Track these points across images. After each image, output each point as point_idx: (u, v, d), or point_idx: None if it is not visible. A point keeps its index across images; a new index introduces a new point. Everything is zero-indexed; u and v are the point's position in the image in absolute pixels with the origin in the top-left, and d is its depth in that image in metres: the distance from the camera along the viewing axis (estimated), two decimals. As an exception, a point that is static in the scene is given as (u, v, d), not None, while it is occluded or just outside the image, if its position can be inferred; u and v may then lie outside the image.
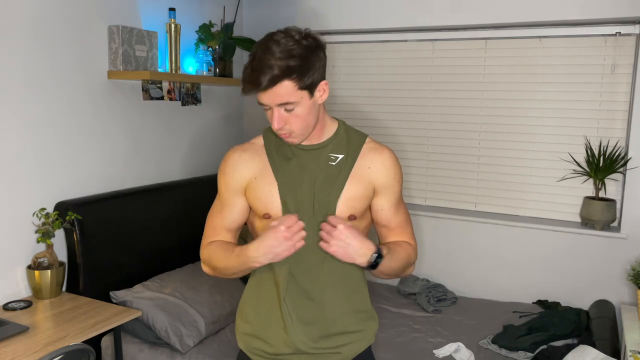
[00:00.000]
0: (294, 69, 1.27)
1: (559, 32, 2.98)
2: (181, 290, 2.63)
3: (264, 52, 1.27)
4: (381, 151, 1.47)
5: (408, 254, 1.49)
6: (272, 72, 1.26)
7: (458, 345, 2.51)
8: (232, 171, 1.46)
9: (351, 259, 1.35)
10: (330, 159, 1.43)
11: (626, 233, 2.85)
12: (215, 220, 1.51)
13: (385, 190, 1.46)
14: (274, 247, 1.32)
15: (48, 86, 2.44)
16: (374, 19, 3.32)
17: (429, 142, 3.41)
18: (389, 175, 1.45)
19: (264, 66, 1.26)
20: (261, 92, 1.29)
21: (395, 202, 1.49)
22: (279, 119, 1.32)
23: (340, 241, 1.32)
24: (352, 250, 1.33)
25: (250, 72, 1.28)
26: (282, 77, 1.26)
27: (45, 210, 2.41)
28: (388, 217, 1.48)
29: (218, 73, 3.27)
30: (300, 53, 1.27)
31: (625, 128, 2.92)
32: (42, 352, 1.89)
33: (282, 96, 1.29)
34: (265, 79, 1.26)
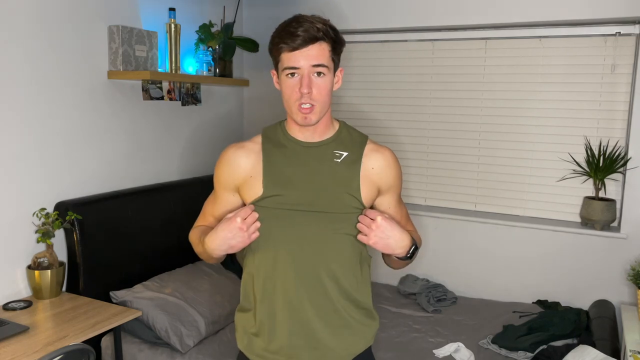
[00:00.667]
0: (330, 34, 1.34)
1: (559, 32, 2.98)
2: (181, 290, 2.63)
3: (301, 19, 1.33)
4: (383, 152, 1.48)
5: (418, 239, 1.55)
6: (315, 31, 1.31)
7: (458, 345, 2.51)
8: (225, 167, 1.46)
9: (391, 250, 1.37)
10: (335, 155, 1.44)
11: (626, 233, 2.85)
12: (208, 208, 1.55)
13: (389, 189, 1.49)
14: (228, 239, 1.33)
15: (48, 86, 2.44)
16: (373, 19, 3.32)
17: (429, 142, 3.41)
18: (392, 175, 1.48)
19: (306, 26, 1.31)
20: (298, 50, 1.31)
21: (398, 199, 1.53)
22: (308, 82, 1.33)
23: (381, 233, 1.34)
24: (392, 241, 1.36)
25: (289, 29, 1.31)
26: (323, 38, 1.32)
27: (45, 210, 2.42)
28: (394, 214, 1.51)
29: (218, 73, 3.27)
30: (333, 27, 1.36)
31: (625, 128, 2.92)
32: (42, 352, 1.89)
33: (319, 57, 1.32)
34: (308, 35, 1.30)
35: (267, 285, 1.45)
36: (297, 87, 1.33)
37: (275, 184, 1.41)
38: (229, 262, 3.06)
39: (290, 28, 1.32)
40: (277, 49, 1.35)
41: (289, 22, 1.36)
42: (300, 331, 1.44)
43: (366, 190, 1.44)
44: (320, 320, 1.44)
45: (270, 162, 1.43)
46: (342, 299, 1.45)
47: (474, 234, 3.26)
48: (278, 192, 1.41)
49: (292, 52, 1.32)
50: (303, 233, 1.41)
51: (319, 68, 1.33)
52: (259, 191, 1.41)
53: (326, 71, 1.34)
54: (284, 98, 1.39)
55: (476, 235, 3.26)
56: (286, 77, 1.35)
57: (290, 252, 1.42)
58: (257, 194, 1.42)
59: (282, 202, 1.40)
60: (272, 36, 1.37)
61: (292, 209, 1.40)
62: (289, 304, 1.43)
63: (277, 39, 1.35)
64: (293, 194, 1.40)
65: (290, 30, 1.32)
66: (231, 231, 1.32)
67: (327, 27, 1.34)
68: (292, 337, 1.44)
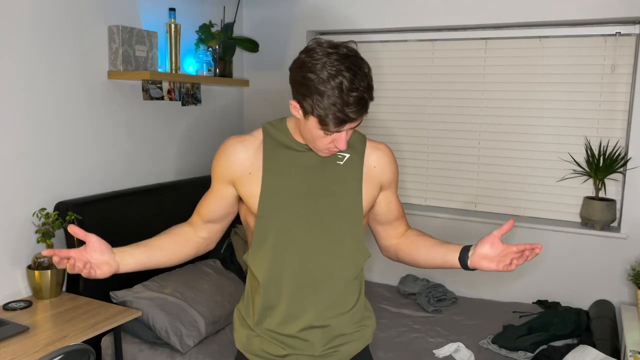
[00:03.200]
0: (371, 89, 1.25)
1: (559, 32, 2.98)
2: (181, 290, 2.63)
3: (344, 81, 1.19)
4: (383, 148, 1.48)
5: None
6: (365, 101, 1.22)
7: (458, 345, 2.51)
8: (224, 160, 1.42)
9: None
10: (338, 157, 1.42)
11: (626, 233, 2.85)
12: (201, 203, 1.52)
13: (390, 184, 1.50)
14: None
15: (48, 86, 2.44)
16: (374, 19, 3.32)
17: (429, 142, 3.41)
18: (393, 171, 1.49)
19: (353, 98, 1.20)
20: (347, 124, 1.24)
21: (396, 193, 1.55)
22: (345, 138, 1.30)
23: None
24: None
25: (337, 107, 1.20)
26: (370, 101, 1.25)
27: (45, 210, 2.42)
28: (396, 208, 1.53)
29: (218, 73, 3.27)
30: (366, 70, 1.24)
31: (625, 128, 2.92)
32: (42, 352, 1.89)
33: (361, 118, 1.28)
34: (359, 111, 1.23)
35: (268, 291, 1.43)
36: (331, 140, 1.30)
37: (274, 184, 1.38)
38: (229, 262, 3.06)
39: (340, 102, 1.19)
40: (321, 119, 1.23)
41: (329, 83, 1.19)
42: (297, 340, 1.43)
43: (369, 190, 1.44)
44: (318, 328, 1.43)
45: (271, 160, 1.40)
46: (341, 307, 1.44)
47: (474, 234, 3.26)
48: (277, 193, 1.38)
49: (340, 126, 1.25)
50: (301, 240, 1.39)
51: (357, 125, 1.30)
52: (257, 189, 1.39)
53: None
54: (307, 137, 1.33)
55: (476, 235, 3.25)
56: (320, 132, 1.28)
57: (289, 259, 1.40)
58: (255, 192, 1.39)
59: (280, 203, 1.38)
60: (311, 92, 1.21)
61: (290, 211, 1.38)
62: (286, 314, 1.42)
63: (320, 108, 1.21)
64: (292, 196, 1.38)
65: (340, 106, 1.20)
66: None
67: (369, 82, 1.23)
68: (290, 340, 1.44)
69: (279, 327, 1.43)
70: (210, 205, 1.47)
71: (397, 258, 1.57)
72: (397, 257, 1.56)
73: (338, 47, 1.23)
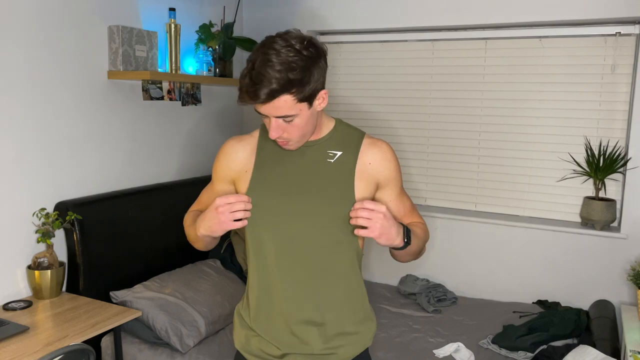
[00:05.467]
0: (294, 82, 1.23)
1: (559, 32, 2.98)
2: (181, 290, 2.63)
3: (263, 63, 1.22)
4: (380, 145, 1.45)
5: (423, 230, 1.51)
6: (271, 86, 1.22)
7: (458, 345, 2.51)
8: (223, 159, 1.47)
9: (392, 239, 1.32)
10: (329, 155, 1.41)
11: (626, 233, 2.85)
12: (204, 195, 1.54)
13: (389, 183, 1.45)
14: (207, 220, 1.32)
15: (48, 86, 2.44)
16: (374, 19, 3.32)
17: (429, 142, 3.41)
18: (390, 168, 1.44)
19: (262, 79, 1.22)
20: (259, 105, 1.26)
21: (400, 192, 1.49)
22: (277, 128, 1.30)
23: (386, 222, 1.29)
24: (393, 230, 1.31)
25: (248, 84, 1.24)
26: (281, 92, 1.23)
27: (45, 210, 2.42)
28: (397, 207, 1.48)
29: (218, 73, 3.27)
30: (301, 65, 1.23)
31: (625, 128, 2.92)
32: (42, 352, 1.89)
33: (281, 109, 1.26)
34: (264, 92, 1.22)
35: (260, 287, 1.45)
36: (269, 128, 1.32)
37: (262, 183, 1.40)
38: (229, 261, 3.06)
39: (249, 80, 1.24)
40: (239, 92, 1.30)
41: (250, 66, 1.26)
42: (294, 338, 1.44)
43: (363, 188, 1.41)
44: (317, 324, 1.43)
45: (262, 159, 1.43)
46: (336, 305, 1.44)
47: (474, 234, 3.26)
48: (265, 190, 1.40)
49: (245, 103, 1.28)
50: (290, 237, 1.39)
51: (284, 117, 1.28)
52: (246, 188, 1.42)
53: (293, 117, 1.28)
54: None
55: (476, 235, 3.26)
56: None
57: (278, 258, 1.40)
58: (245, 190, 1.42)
59: (268, 199, 1.39)
60: (240, 76, 1.30)
61: (278, 209, 1.39)
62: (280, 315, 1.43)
63: (240, 87, 1.28)
64: (280, 194, 1.39)
65: (248, 84, 1.24)
66: (210, 211, 1.31)
67: (288, 75, 1.22)
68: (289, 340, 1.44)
69: (274, 324, 1.44)
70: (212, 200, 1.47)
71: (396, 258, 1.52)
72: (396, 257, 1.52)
73: (292, 37, 1.27)
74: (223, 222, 1.29)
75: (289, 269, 1.41)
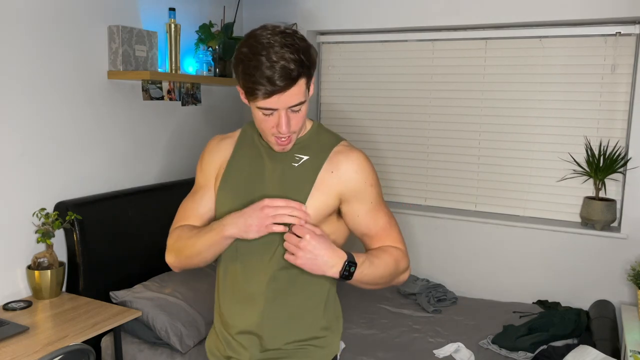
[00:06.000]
0: (304, 64, 1.18)
1: (559, 32, 2.98)
2: (181, 290, 2.63)
3: (270, 50, 1.15)
4: (348, 154, 1.33)
5: (395, 259, 1.34)
6: (291, 71, 1.16)
7: (458, 346, 2.51)
8: (208, 156, 1.43)
9: (321, 271, 1.23)
10: (295, 159, 1.33)
11: (626, 233, 2.85)
12: (187, 204, 1.45)
13: (356, 196, 1.32)
14: (248, 216, 1.24)
15: (48, 86, 2.44)
16: (373, 19, 3.32)
17: (429, 142, 3.41)
18: (358, 180, 1.32)
19: (281, 66, 1.15)
20: (275, 95, 1.18)
21: (372, 208, 1.35)
22: (287, 121, 1.22)
23: (308, 252, 1.21)
24: (321, 261, 1.22)
25: (263, 71, 1.15)
26: (299, 75, 1.18)
27: (45, 210, 2.42)
28: (366, 224, 1.35)
29: (218, 73, 3.27)
30: (303, 47, 1.19)
31: (625, 128, 2.92)
32: (42, 352, 1.89)
33: (297, 95, 1.20)
34: (284, 79, 1.16)
35: (217, 287, 1.44)
36: (274, 124, 1.23)
37: (229, 184, 1.37)
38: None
39: (263, 69, 1.15)
40: (250, 89, 1.19)
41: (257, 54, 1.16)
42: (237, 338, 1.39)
43: (322, 199, 1.30)
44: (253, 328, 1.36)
45: (234, 159, 1.39)
46: (276, 312, 1.34)
47: (474, 234, 3.26)
48: (228, 193, 1.36)
49: (268, 97, 1.18)
50: (245, 244, 1.32)
51: (295, 107, 1.22)
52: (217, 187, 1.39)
53: (304, 103, 1.23)
54: (256, 123, 1.29)
55: (476, 235, 3.26)
56: (259, 112, 1.23)
57: (229, 257, 1.37)
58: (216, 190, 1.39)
59: (229, 201, 1.35)
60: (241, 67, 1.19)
61: (234, 210, 1.31)
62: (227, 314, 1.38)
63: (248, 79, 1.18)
64: (243, 198, 1.33)
65: (265, 74, 1.15)
66: (252, 210, 1.23)
67: (300, 56, 1.17)
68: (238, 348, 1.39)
69: (224, 325, 1.41)
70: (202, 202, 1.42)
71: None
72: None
73: (277, 26, 1.21)
74: (264, 223, 1.22)
75: (235, 272, 1.36)
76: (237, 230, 1.25)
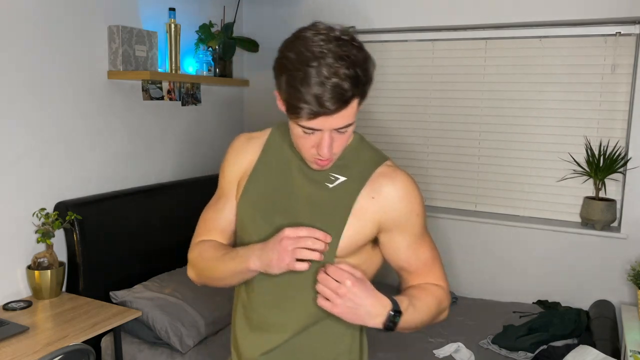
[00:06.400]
0: (360, 81, 1.01)
1: (559, 32, 2.98)
2: (181, 290, 2.63)
3: (321, 62, 0.97)
4: (392, 177, 1.15)
5: (438, 300, 1.19)
6: (344, 92, 0.98)
7: (458, 346, 2.51)
8: (233, 158, 1.26)
9: (361, 321, 1.07)
10: (329, 179, 1.15)
11: (626, 233, 2.85)
12: (208, 213, 1.30)
13: (398, 226, 1.15)
14: (269, 249, 1.08)
15: (48, 86, 2.44)
16: (373, 19, 3.32)
17: (429, 142, 3.41)
18: (401, 209, 1.14)
19: (329, 83, 0.97)
20: (322, 117, 1.00)
21: (415, 240, 1.18)
22: (331, 142, 1.05)
23: (348, 301, 1.04)
24: (362, 311, 1.05)
25: (312, 90, 0.97)
26: (353, 96, 1.00)
27: (45, 210, 2.42)
28: (406, 258, 1.19)
29: (218, 73, 3.27)
30: (362, 60, 1.02)
31: (625, 128, 2.92)
32: (42, 352, 1.89)
33: (347, 118, 1.03)
34: (335, 101, 0.98)
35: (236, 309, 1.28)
36: (313, 144, 1.07)
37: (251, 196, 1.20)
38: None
39: (312, 84, 0.97)
40: (292, 107, 1.02)
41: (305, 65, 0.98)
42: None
43: (358, 227, 1.14)
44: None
45: (262, 166, 1.22)
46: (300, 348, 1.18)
47: (474, 234, 3.26)
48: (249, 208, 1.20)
49: (313, 118, 1.01)
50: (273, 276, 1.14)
51: (344, 128, 1.05)
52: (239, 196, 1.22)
53: (353, 124, 1.07)
54: (292, 137, 1.11)
55: (476, 235, 3.26)
56: (299, 129, 1.06)
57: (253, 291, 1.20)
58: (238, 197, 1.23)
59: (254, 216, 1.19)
60: (285, 77, 1.01)
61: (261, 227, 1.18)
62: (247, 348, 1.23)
63: (292, 93, 1.00)
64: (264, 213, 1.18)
65: (313, 91, 0.97)
66: (274, 242, 1.07)
67: (356, 72, 0.99)
68: None
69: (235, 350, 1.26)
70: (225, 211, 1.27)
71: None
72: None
73: (332, 29, 1.03)
74: (283, 258, 1.05)
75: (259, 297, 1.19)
76: (260, 264, 1.10)
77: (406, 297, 1.14)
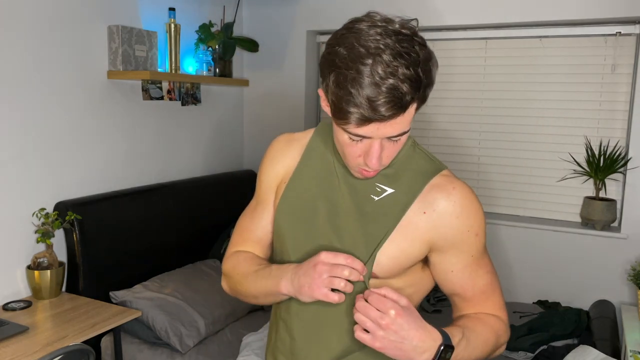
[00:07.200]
0: (421, 83, 0.87)
1: (559, 32, 2.98)
2: (181, 290, 2.62)
3: (377, 60, 0.84)
4: (448, 190, 1.00)
5: (496, 334, 1.05)
6: (402, 95, 0.85)
7: (458, 346, 2.51)
8: (270, 162, 1.14)
9: (407, 357, 0.91)
10: (376, 190, 1.03)
11: (626, 233, 2.85)
12: (244, 221, 1.19)
13: (453, 246, 1.02)
14: (302, 274, 0.96)
15: (48, 86, 2.44)
16: (374, 19, 3.31)
17: (429, 142, 3.41)
18: (458, 228, 1.00)
19: (385, 85, 0.84)
20: (374, 124, 0.88)
21: (472, 263, 1.04)
22: (380, 155, 0.93)
23: (392, 334, 0.89)
24: (408, 346, 0.90)
25: (360, 91, 0.84)
26: (412, 100, 0.87)
27: (45, 210, 2.41)
28: (461, 283, 1.06)
29: (218, 73, 3.27)
30: (424, 58, 0.88)
31: (625, 128, 2.92)
32: (42, 352, 1.89)
33: (402, 125, 0.91)
34: (391, 106, 0.85)
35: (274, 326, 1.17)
36: (361, 153, 0.95)
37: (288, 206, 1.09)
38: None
39: (364, 85, 0.84)
40: (339, 109, 0.89)
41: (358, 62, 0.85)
42: None
43: (404, 246, 1.00)
44: None
45: (303, 171, 1.10)
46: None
47: (474, 234, 3.25)
48: (287, 218, 1.09)
49: (363, 124, 0.89)
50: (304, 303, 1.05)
51: (397, 137, 0.93)
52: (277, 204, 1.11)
53: (407, 132, 0.94)
54: (336, 143, 1.00)
55: (476, 235, 3.25)
56: (345, 135, 0.94)
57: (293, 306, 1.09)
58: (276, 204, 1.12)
59: (294, 226, 1.08)
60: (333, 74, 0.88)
61: (300, 239, 1.08)
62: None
63: (340, 94, 0.87)
64: (303, 222, 1.07)
65: (365, 93, 0.84)
66: (307, 266, 0.96)
67: (417, 73, 0.86)
68: None
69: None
70: (262, 219, 1.16)
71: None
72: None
73: (391, 21, 0.91)
74: (315, 287, 0.93)
75: (298, 314, 1.08)
76: (292, 289, 0.99)
77: (459, 329, 0.99)
